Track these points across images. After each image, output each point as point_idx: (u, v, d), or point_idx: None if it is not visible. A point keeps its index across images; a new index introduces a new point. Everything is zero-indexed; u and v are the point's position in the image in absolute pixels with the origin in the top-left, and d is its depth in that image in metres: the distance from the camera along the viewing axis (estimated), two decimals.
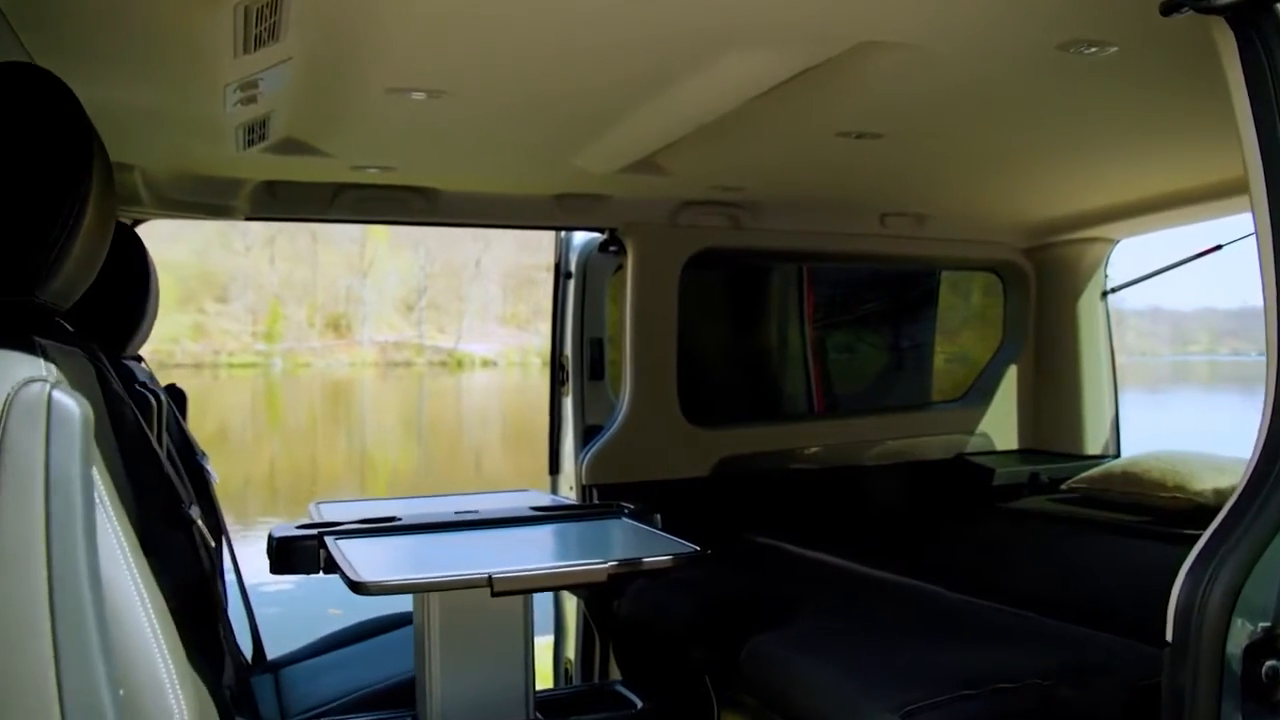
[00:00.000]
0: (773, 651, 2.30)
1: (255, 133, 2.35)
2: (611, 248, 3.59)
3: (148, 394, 2.10)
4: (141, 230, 2.90)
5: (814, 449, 4.04)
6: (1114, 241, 4.36)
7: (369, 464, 24.18)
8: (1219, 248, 4.22)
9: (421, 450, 27.53)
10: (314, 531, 1.99)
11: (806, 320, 4.29)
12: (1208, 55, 2.12)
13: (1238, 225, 4.07)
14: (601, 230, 3.58)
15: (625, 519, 2.32)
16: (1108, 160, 3.14)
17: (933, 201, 3.82)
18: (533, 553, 2.20)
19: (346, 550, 1.86)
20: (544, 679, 3.68)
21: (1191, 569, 1.38)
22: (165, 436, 2.27)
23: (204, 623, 1.81)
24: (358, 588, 1.62)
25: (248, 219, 3.13)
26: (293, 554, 1.94)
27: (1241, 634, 1.31)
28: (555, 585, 1.82)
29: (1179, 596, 1.36)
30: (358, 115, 2.37)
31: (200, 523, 1.79)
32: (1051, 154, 3.00)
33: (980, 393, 4.52)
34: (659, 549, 1.99)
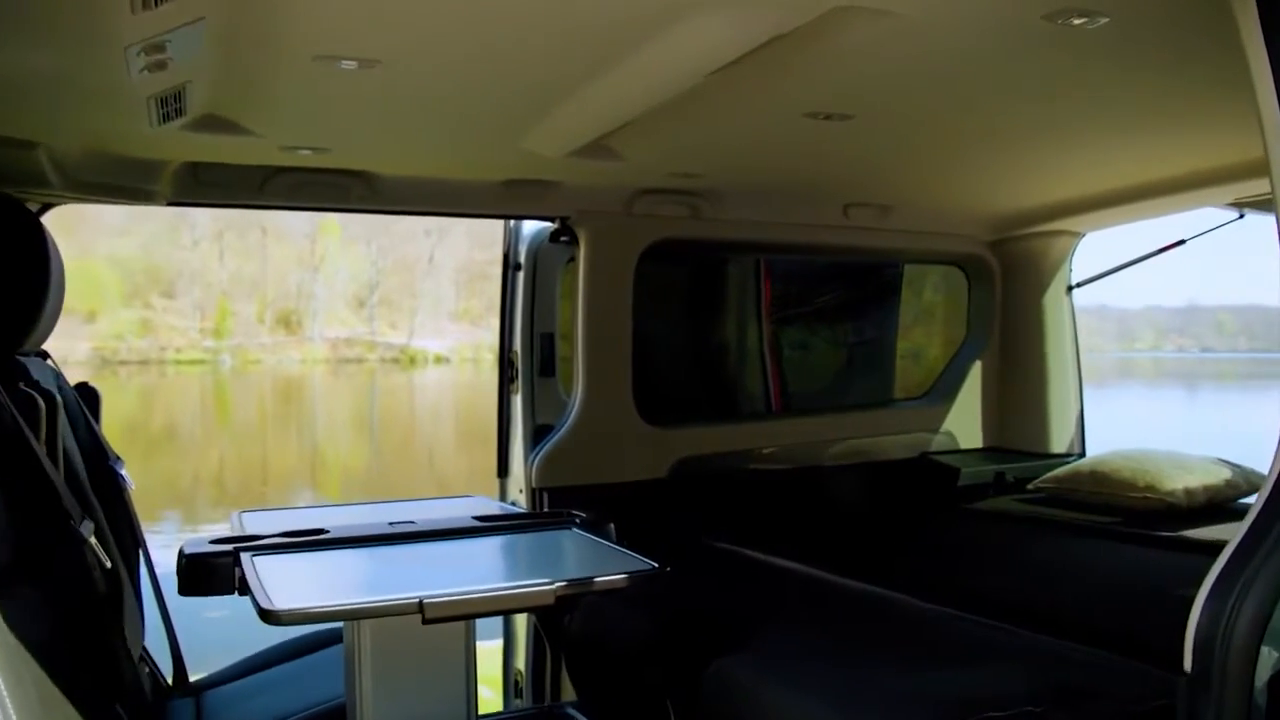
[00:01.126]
0: (739, 675, 2.13)
1: (170, 106, 2.13)
2: (563, 238, 3.40)
3: (37, 395, 1.88)
4: (85, 223, 2.67)
5: (775, 449, 3.89)
6: (1080, 235, 4.27)
7: (320, 462, 23.93)
8: (1182, 242, 4.17)
9: (373, 448, 27.29)
10: (229, 547, 1.78)
11: (764, 315, 4.14)
12: (1200, 33, 2.01)
13: (1201, 219, 4.05)
14: (552, 219, 3.39)
15: (576, 530, 2.14)
16: (1078, 149, 3.04)
17: (898, 192, 3.69)
18: (472, 571, 2.01)
19: (263, 569, 1.66)
20: (493, 684, 3.49)
21: (1212, 594, 1.23)
22: (67, 441, 2.05)
23: (96, 649, 1.60)
24: (268, 616, 1.43)
25: (171, 204, 2.90)
26: (204, 572, 1.73)
27: (1269, 664, 1.16)
28: (496, 610, 1.63)
29: (1199, 623, 1.22)
30: (284, 88, 2.17)
31: (94, 540, 1.58)
32: (1023, 140, 2.87)
33: (944, 390, 4.41)
34: (613, 566, 1.81)
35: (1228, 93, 2.42)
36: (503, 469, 3.55)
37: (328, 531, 1.94)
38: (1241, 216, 4.02)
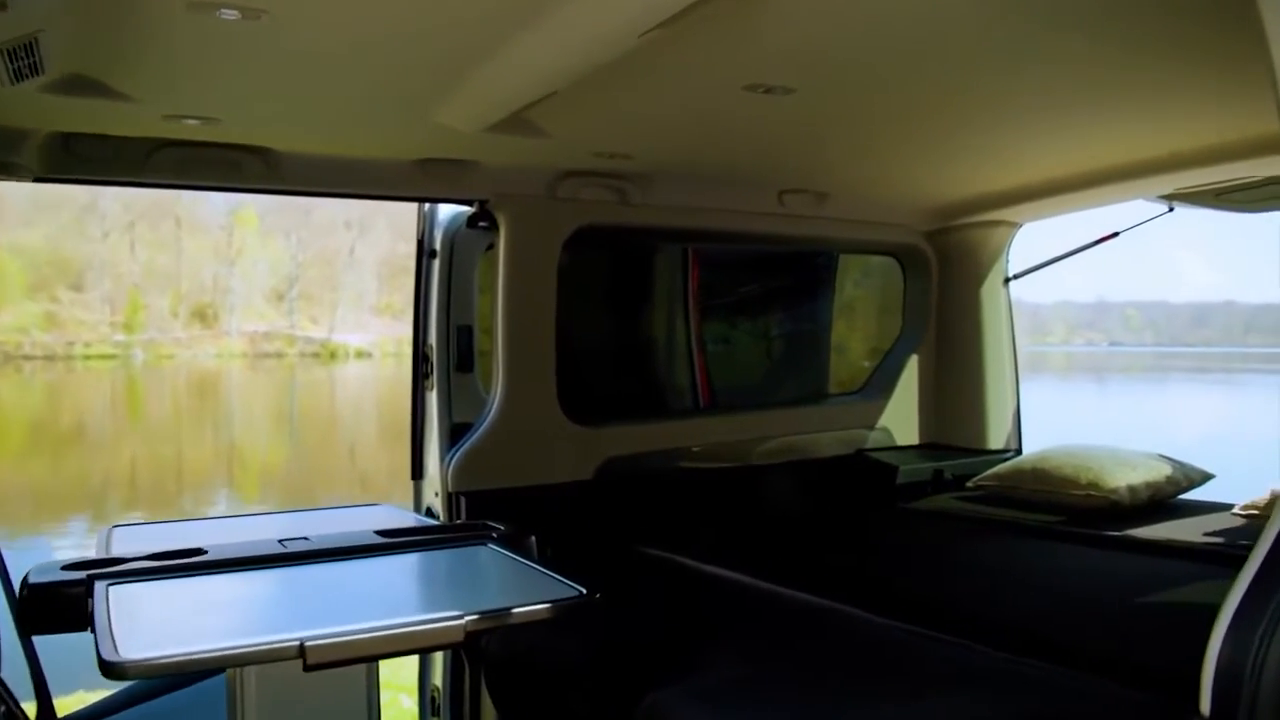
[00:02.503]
0: (680, 712, 1.90)
1: (22, 61, 1.84)
2: (481, 223, 3.16)
3: None
4: None
5: (707, 447, 3.70)
6: (1017, 225, 4.19)
7: (238, 460, 23.31)
8: (1115, 235, 4.12)
9: (293, 444, 26.68)
10: (83, 574, 1.51)
11: (693, 307, 3.94)
12: (1151, 21, 1.89)
13: (1134, 211, 3.99)
14: (470, 203, 3.15)
15: (493, 546, 1.90)
16: (1018, 137, 2.95)
17: (836, 178, 3.53)
18: (369, 601, 1.74)
19: (119, 602, 1.40)
20: (407, 691, 3.25)
21: (1235, 622, 1.05)
22: None
23: None
24: (109, 669, 1.17)
25: (40, 180, 2.59)
26: (50, 605, 1.46)
27: None
28: (392, 652, 1.40)
29: (1220, 657, 1.04)
30: (158, 43, 1.90)
31: None
32: (965, 123, 2.75)
33: (880, 384, 4.28)
34: (534, 591, 1.59)
35: (1170, 84, 2.38)
36: (417, 471, 3.31)
37: (206, 552, 1.68)
38: (1171, 210, 3.99)
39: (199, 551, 1.68)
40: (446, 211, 3.28)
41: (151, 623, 1.36)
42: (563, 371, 3.26)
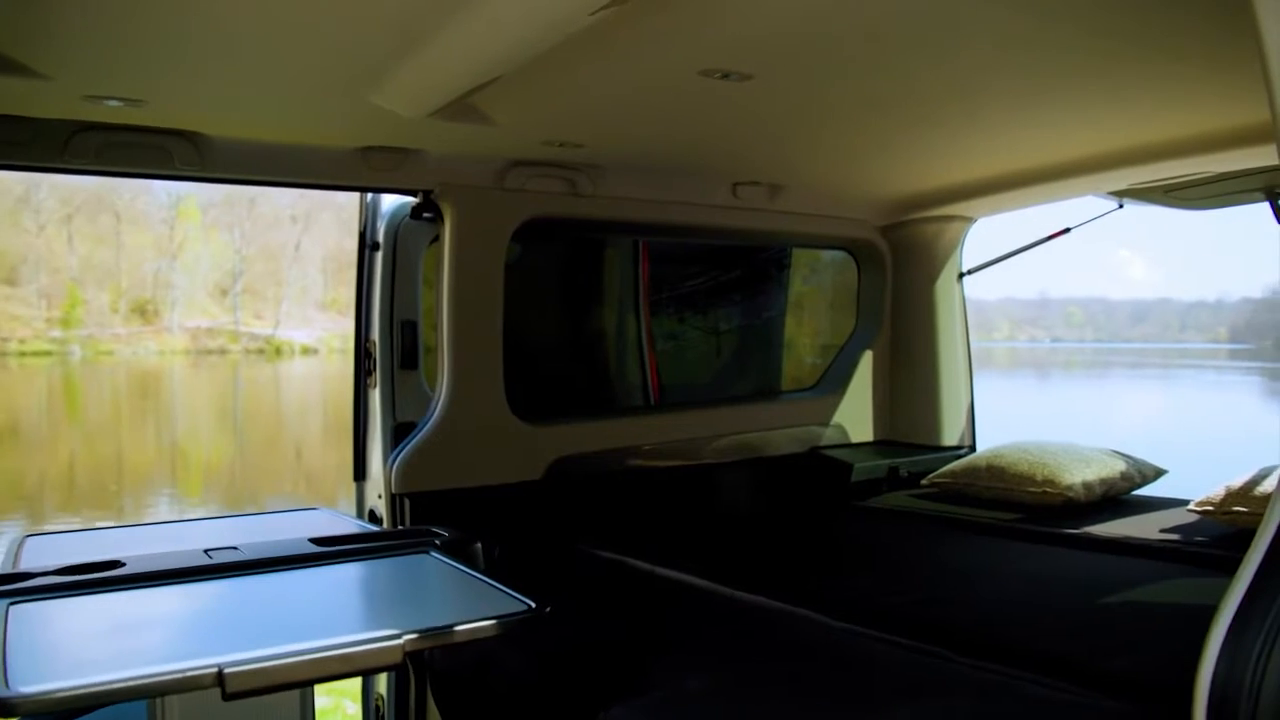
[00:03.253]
0: None
1: None
2: (426, 214, 3.05)
3: None
4: None
5: (659, 446, 3.61)
6: (971, 220, 4.17)
7: (181, 459, 22.81)
8: (1067, 230, 4.11)
9: (238, 443, 26.20)
10: None
11: (644, 302, 3.85)
12: (1111, 13, 1.84)
13: (1084, 207, 3.99)
14: (414, 193, 3.03)
15: (435, 555, 1.78)
16: (976, 130, 2.90)
17: (790, 170, 3.46)
18: (300, 618, 1.61)
19: (19, 623, 1.28)
20: (352, 697, 3.12)
21: (1230, 638, 0.98)
22: None
23: None
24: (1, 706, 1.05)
25: None
26: None
27: None
28: (321, 677, 1.27)
29: (1215, 674, 0.97)
30: (75, 17, 1.77)
31: None
32: (925, 113, 2.69)
33: (834, 381, 4.23)
34: (479, 605, 1.48)
35: (1128, 79, 2.35)
36: (359, 472, 3.18)
37: (123, 565, 1.55)
38: (1121, 206, 3.99)
39: (115, 564, 1.55)
40: (390, 202, 3.17)
41: (54, 647, 1.24)
42: (510, 368, 3.15)
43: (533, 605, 1.45)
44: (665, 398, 3.92)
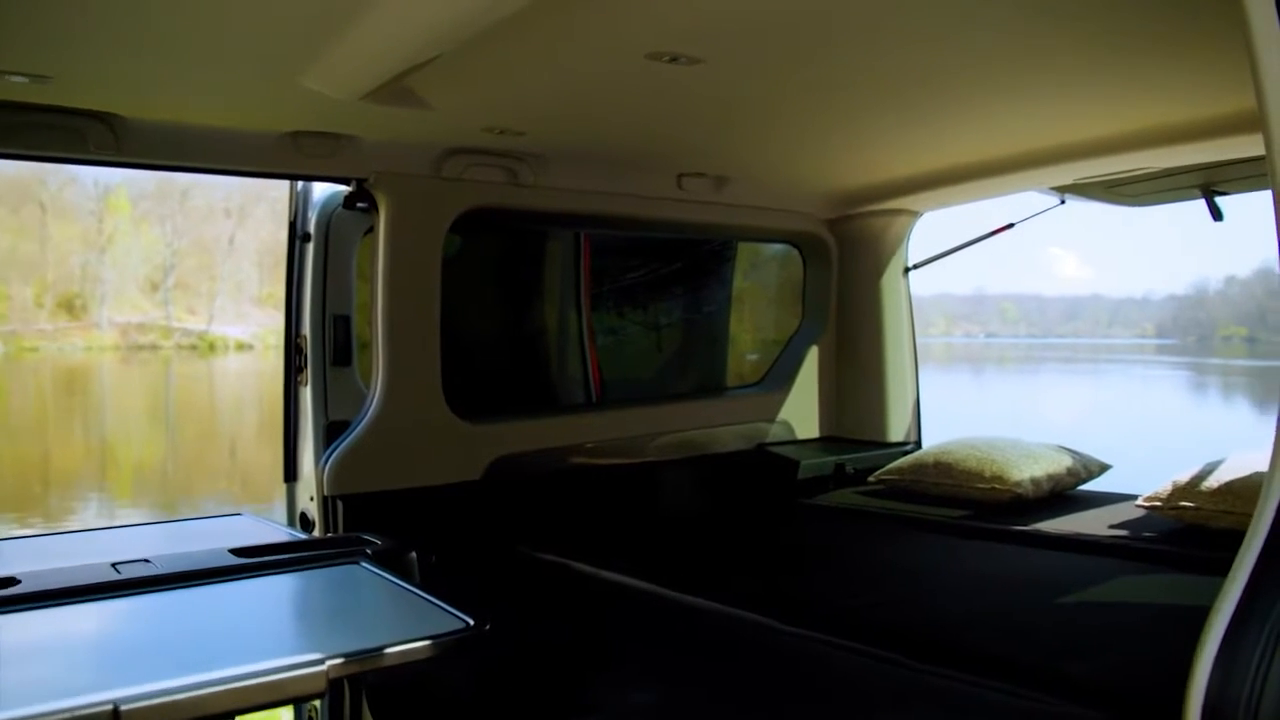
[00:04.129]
0: None
1: None
2: (360, 203, 2.92)
3: None
4: None
5: (602, 444, 3.52)
6: (917, 214, 4.13)
7: (110, 458, 22.21)
8: (1011, 226, 4.11)
9: (170, 441, 25.59)
10: None
11: (585, 296, 3.76)
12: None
13: (1026, 203, 3.99)
14: (347, 181, 2.89)
15: (366, 565, 1.66)
16: (923, 122, 2.86)
17: (736, 161, 3.39)
18: (214, 641, 1.45)
19: None
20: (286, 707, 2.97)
21: (1223, 653, 0.91)
22: None
23: None
24: None
25: None
26: None
27: None
28: (237, 709, 1.14)
29: (1208, 690, 0.90)
30: None
31: None
32: (874, 103, 2.64)
33: (780, 376, 4.17)
34: (413, 623, 1.36)
35: (1076, 73, 2.33)
36: (290, 473, 3.05)
37: (19, 581, 1.40)
38: (1063, 202, 4.00)
39: (10, 581, 1.40)
40: (322, 191, 3.03)
41: None
42: (448, 365, 3.04)
43: (470, 623, 1.34)
44: (607, 394, 3.82)
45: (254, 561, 1.64)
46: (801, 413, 4.14)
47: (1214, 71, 2.33)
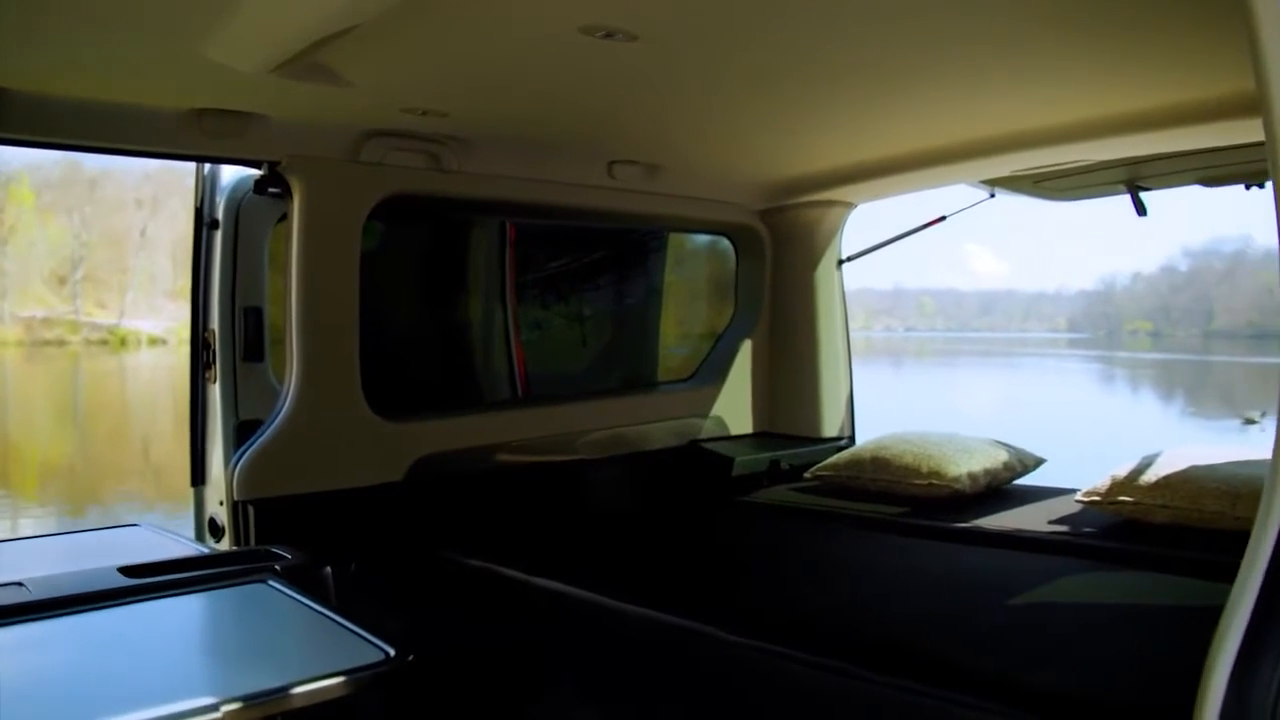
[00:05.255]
0: None
1: None
2: (272, 188, 2.74)
3: None
4: None
5: (530, 442, 3.38)
6: (852, 206, 4.08)
7: (14, 456, 21.34)
8: (943, 219, 4.08)
9: (79, 438, 24.70)
10: None
11: (511, 288, 3.61)
12: None
13: (959, 195, 3.96)
14: (258, 164, 2.71)
15: (273, 584, 1.49)
16: (860, 111, 2.80)
17: (669, 149, 3.28)
18: (91, 682, 1.24)
19: None
20: None
21: (1237, 673, 0.82)
22: None
23: None
24: None
25: None
26: None
27: None
28: None
29: (1225, 703, 0.80)
30: None
31: None
32: (810, 90, 2.55)
33: (713, 371, 4.07)
34: (326, 653, 1.21)
35: (1013, 66, 2.29)
36: (198, 475, 2.86)
37: None
38: (992, 196, 3.99)
39: None
40: (231, 175, 2.85)
41: None
42: (367, 360, 2.87)
43: (390, 654, 1.19)
44: (534, 390, 3.69)
45: (144, 583, 1.45)
46: (735, 408, 4.06)
47: (1153, 64, 2.32)
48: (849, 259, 4.18)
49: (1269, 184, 1.09)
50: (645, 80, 2.36)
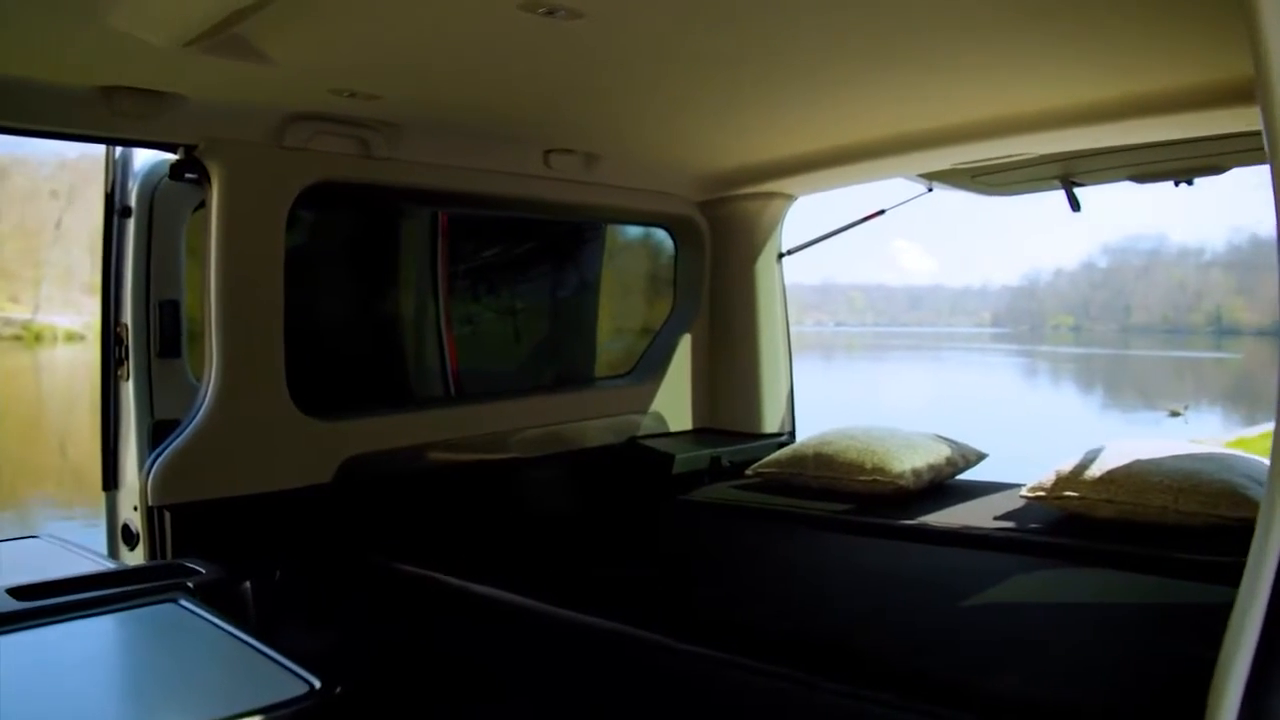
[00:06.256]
0: None
1: None
2: (189, 174, 2.57)
3: None
4: None
5: (464, 440, 3.25)
6: (792, 198, 4.02)
7: None
8: (882, 212, 4.06)
9: None
10: None
11: (444, 282, 3.48)
12: None
13: (897, 189, 3.95)
14: (173, 148, 2.55)
15: (185, 604, 1.35)
16: (801, 101, 2.75)
17: (608, 137, 3.19)
18: None
19: None
20: None
21: (1252, 691, 0.75)
22: None
23: None
24: None
25: None
26: None
27: None
28: None
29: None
30: None
31: None
32: (755, 79, 2.49)
33: (651, 366, 3.99)
34: (240, 686, 1.09)
35: (949, 58, 2.27)
36: (110, 479, 2.69)
37: None
38: (930, 190, 3.98)
39: None
40: (145, 159, 2.67)
41: None
42: (293, 356, 2.73)
43: (315, 686, 1.07)
44: (467, 387, 3.56)
45: (36, 606, 1.28)
46: (674, 404, 3.98)
47: (1099, 57, 2.31)
48: (789, 252, 4.13)
49: (1267, 169, 1.02)
50: (587, 62, 2.26)
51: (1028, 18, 2.01)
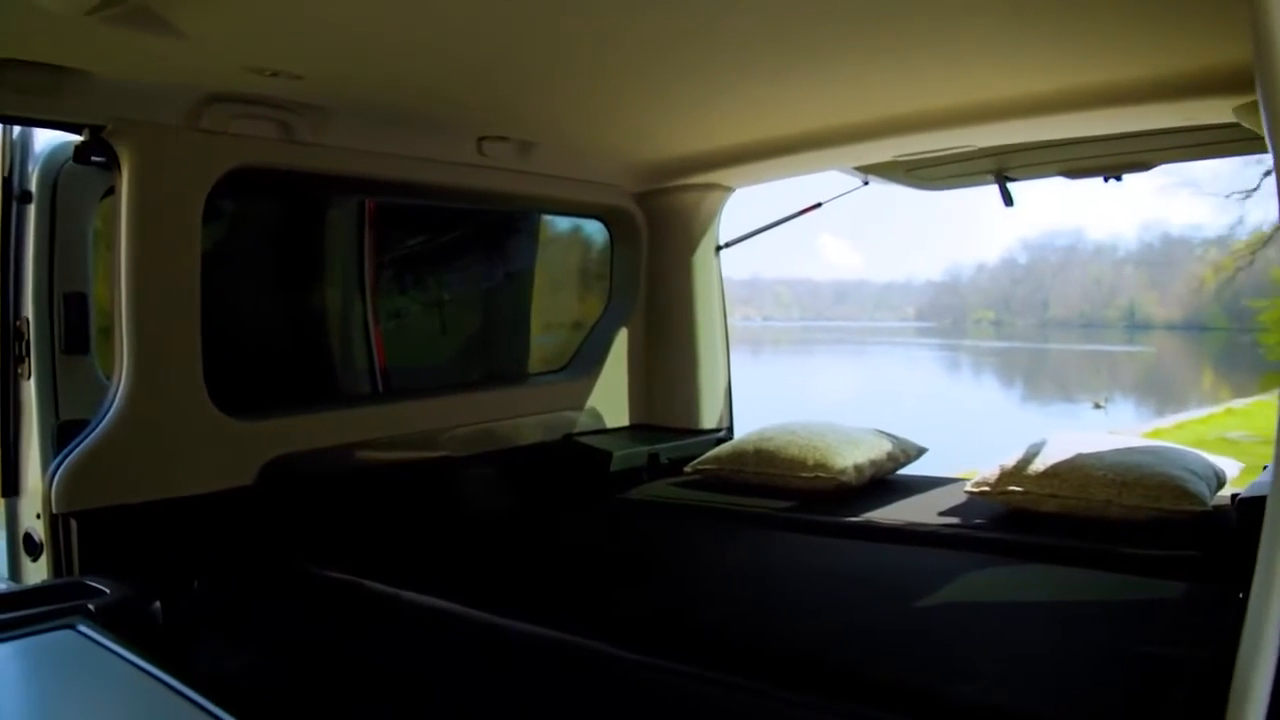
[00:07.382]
0: None
1: None
2: (96, 157, 2.40)
3: None
4: None
5: (393, 439, 3.12)
6: (730, 190, 3.96)
7: None
8: (819, 205, 4.04)
9: None
10: None
11: (370, 274, 3.35)
12: None
13: (832, 182, 3.92)
14: (78, 129, 2.38)
15: (84, 630, 1.21)
16: (740, 92, 2.70)
17: (543, 124, 3.08)
18: None
19: None
20: None
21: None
22: None
23: None
24: None
25: None
26: None
27: None
28: None
29: None
30: None
31: None
32: (694, 66, 2.41)
33: (587, 361, 3.89)
34: None
35: (890, 43, 2.23)
36: (10, 485, 2.50)
37: None
38: (866, 183, 3.97)
39: None
40: (47, 140, 2.49)
41: None
42: (211, 352, 2.57)
43: None
44: (395, 384, 3.43)
45: None
46: (610, 400, 3.89)
47: (1039, 49, 2.30)
48: (727, 245, 4.07)
49: (1268, 161, 0.97)
50: (525, 41, 2.15)
51: (966, 9, 1.98)
